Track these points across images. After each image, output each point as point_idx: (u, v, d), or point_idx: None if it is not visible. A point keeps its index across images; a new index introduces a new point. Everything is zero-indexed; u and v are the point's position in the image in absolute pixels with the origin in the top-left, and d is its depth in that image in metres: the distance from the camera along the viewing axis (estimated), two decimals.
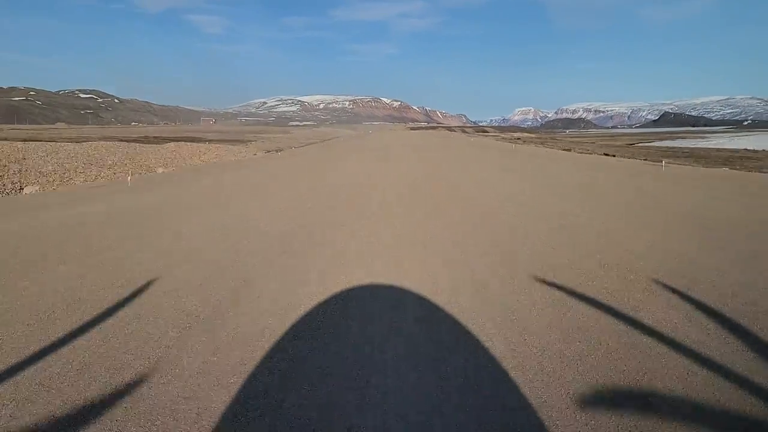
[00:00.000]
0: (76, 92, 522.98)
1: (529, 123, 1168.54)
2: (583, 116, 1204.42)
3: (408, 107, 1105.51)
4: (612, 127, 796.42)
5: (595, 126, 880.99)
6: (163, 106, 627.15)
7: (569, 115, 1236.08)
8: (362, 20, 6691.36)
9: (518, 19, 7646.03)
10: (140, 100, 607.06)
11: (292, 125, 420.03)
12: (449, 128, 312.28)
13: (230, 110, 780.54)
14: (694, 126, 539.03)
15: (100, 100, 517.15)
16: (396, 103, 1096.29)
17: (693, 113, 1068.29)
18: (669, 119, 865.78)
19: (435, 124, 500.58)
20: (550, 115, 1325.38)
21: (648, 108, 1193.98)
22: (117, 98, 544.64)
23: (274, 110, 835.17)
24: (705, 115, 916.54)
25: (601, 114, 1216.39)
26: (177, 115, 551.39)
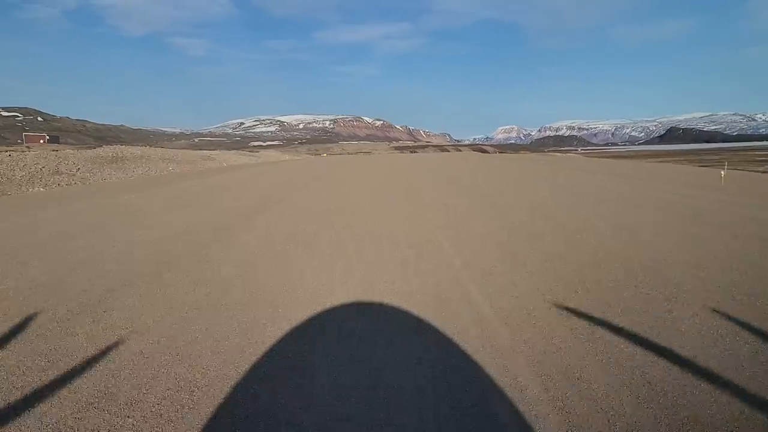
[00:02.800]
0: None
1: (513, 141, 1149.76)
2: (566, 134, 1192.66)
3: (391, 126, 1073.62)
4: (607, 145, 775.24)
5: (589, 143, 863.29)
6: (102, 125, 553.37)
7: (552, 133, 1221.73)
8: (346, 42, 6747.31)
9: (500, 41, 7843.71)
10: (72, 118, 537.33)
11: (254, 145, 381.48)
12: (441, 147, 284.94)
13: (204, 130, 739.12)
14: (708, 142, 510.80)
15: (20, 117, 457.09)
16: (378, 122, 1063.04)
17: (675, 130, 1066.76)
18: (677, 135, 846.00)
19: (424, 143, 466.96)
20: (533, 133, 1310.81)
21: (632, 125, 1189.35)
22: (42, 117, 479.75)
23: (251, 131, 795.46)
24: (702, 128, 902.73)
25: (585, 131, 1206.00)
26: (118, 135, 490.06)
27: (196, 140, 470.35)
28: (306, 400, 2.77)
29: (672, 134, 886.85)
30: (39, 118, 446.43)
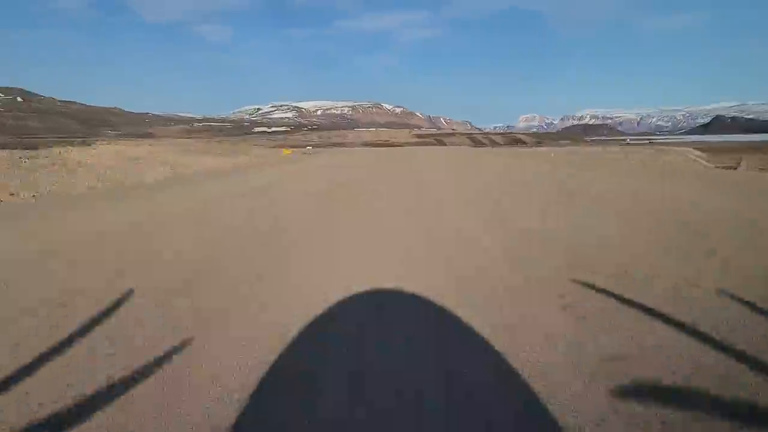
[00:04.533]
0: None
1: (535, 129, 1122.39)
2: (590, 122, 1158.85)
3: (411, 113, 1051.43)
4: (644, 134, 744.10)
5: (622, 133, 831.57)
6: (89, 106, 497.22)
7: (575, 122, 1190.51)
8: (366, 30, 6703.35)
9: (520, 29, 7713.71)
10: (60, 99, 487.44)
11: (257, 131, 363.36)
12: (470, 136, 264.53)
13: (223, 116, 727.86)
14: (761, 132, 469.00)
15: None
16: (398, 110, 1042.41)
17: (703, 119, 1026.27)
18: (725, 124, 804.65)
19: (448, 131, 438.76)
20: (556, 122, 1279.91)
21: (657, 114, 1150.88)
22: (24, 97, 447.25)
23: (268, 116, 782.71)
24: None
25: (609, 120, 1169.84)
26: (106, 118, 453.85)
27: (193, 125, 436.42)
28: None
29: (719, 123, 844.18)
30: (19, 99, 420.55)
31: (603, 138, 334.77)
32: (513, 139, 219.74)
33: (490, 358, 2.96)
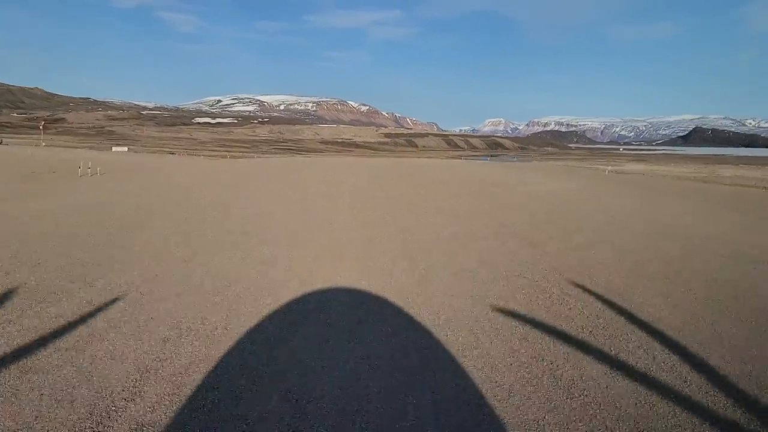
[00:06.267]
0: None
1: (500, 134, 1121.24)
2: (555, 129, 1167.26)
3: (377, 112, 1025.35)
4: (611, 144, 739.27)
5: (591, 141, 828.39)
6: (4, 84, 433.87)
7: (540, 128, 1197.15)
8: (337, 26, 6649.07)
9: (491, 33, 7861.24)
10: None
11: (200, 122, 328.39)
12: (446, 139, 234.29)
13: (180, 107, 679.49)
14: (748, 146, 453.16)
15: None
16: (364, 108, 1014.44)
17: (666, 131, 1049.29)
18: (704, 136, 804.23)
19: (420, 132, 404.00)
20: (521, 127, 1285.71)
21: (621, 124, 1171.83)
22: None
23: (228, 109, 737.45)
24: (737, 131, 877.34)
25: (574, 128, 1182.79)
26: (20, 99, 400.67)
27: (106, 112, 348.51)
28: None
29: (697, 135, 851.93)
30: None
31: (584, 146, 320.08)
32: (494, 143, 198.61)
33: None
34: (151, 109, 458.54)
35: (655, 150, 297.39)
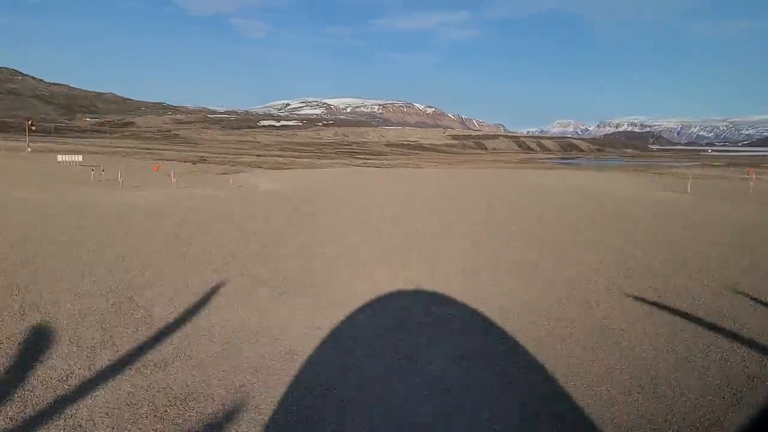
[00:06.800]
0: None
1: (570, 135, 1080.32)
2: (628, 130, 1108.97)
3: (443, 114, 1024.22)
4: (691, 145, 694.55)
5: (669, 142, 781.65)
6: (78, 90, 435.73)
7: (612, 129, 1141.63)
8: (403, 29, 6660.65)
9: (560, 32, 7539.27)
10: (52, 81, 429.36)
11: (264, 125, 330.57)
12: (518, 141, 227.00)
13: (250, 110, 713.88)
14: None
15: None
16: (430, 110, 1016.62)
17: (750, 131, 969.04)
18: None
19: (490, 134, 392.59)
20: (591, 128, 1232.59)
21: (699, 124, 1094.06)
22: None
23: (296, 112, 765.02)
24: None
25: (648, 129, 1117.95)
26: (94, 104, 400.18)
27: (174, 116, 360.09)
28: None
29: None
30: None
31: (665, 148, 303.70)
32: (567, 145, 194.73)
33: None
34: (219, 113, 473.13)
35: (751, 152, 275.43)
